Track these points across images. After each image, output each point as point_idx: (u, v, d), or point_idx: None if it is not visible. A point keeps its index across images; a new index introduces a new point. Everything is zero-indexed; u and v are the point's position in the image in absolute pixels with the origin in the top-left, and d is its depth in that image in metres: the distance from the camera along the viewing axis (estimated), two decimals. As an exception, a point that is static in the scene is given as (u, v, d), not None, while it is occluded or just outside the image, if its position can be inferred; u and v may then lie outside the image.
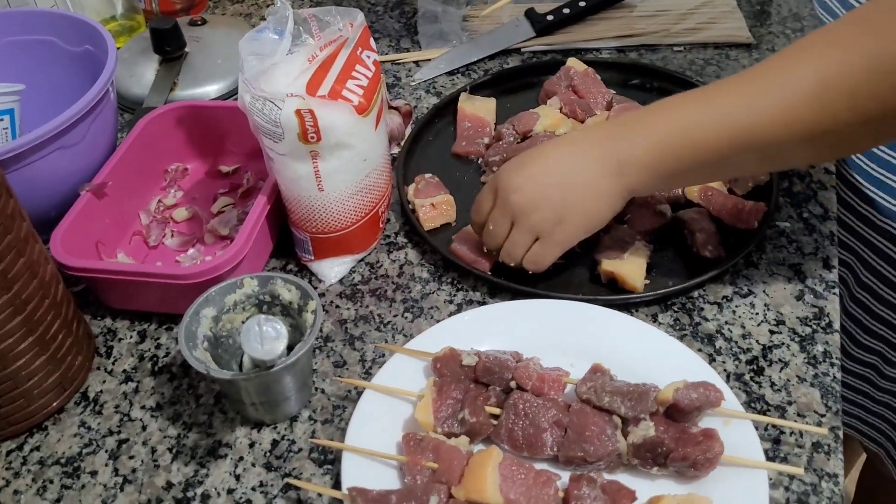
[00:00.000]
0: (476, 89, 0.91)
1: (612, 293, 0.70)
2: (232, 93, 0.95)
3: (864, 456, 1.10)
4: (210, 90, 0.94)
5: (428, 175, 0.81)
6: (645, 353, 0.63)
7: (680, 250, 0.73)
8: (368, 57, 0.68)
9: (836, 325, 0.67)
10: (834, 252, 0.73)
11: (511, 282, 0.70)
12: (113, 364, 0.68)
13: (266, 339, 0.53)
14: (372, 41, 0.70)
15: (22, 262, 0.57)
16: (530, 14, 1.02)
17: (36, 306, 0.59)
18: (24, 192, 0.65)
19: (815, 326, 0.67)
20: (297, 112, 0.62)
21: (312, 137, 0.64)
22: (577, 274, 0.72)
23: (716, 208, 0.73)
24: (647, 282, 0.70)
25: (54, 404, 0.64)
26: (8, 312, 0.56)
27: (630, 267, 0.69)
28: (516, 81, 0.94)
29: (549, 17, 1.01)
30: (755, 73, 0.58)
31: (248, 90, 0.64)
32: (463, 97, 0.89)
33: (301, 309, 0.61)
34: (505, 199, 0.66)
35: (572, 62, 0.90)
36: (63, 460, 0.62)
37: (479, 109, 0.88)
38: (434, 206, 0.77)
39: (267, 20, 0.65)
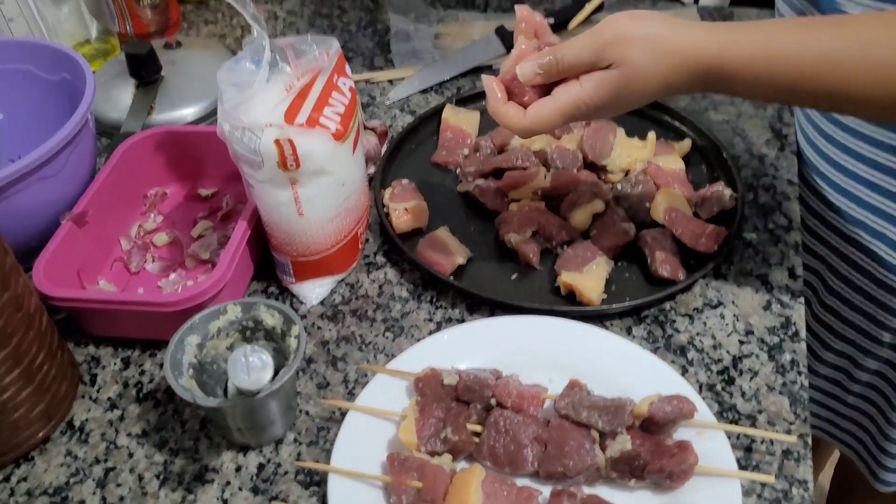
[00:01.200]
0: (462, 102, 0.94)
1: (569, 304, 0.72)
2: (209, 115, 0.96)
3: (837, 453, 1.13)
4: (187, 113, 0.95)
5: (405, 181, 0.83)
6: (620, 367, 0.65)
7: (643, 268, 0.75)
8: (344, 84, 0.70)
9: (803, 334, 0.69)
10: (799, 262, 0.75)
11: (471, 289, 0.72)
12: (97, 392, 0.69)
13: (252, 369, 0.54)
14: (348, 68, 0.71)
15: (7, 295, 0.57)
16: (500, 31, 1.04)
17: (21, 339, 0.59)
18: (5, 223, 0.66)
19: (782, 335, 0.69)
20: (276, 141, 0.63)
21: (291, 165, 0.65)
22: (537, 284, 0.75)
23: (678, 230, 0.75)
24: (605, 296, 0.72)
25: (40, 434, 0.64)
26: (-7, 346, 0.57)
27: (588, 281, 0.71)
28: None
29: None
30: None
31: (227, 120, 0.65)
32: (448, 109, 0.92)
33: (284, 334, 0.63)
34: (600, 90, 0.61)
35: None
36: (51, 490, 0.62)
37: (462, 121, 0.90)
38: (407, 210, 0.79)
39: (244, 50, 0.67)
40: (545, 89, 0.64)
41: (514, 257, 0.77)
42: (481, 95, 0.95)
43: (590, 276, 0.71)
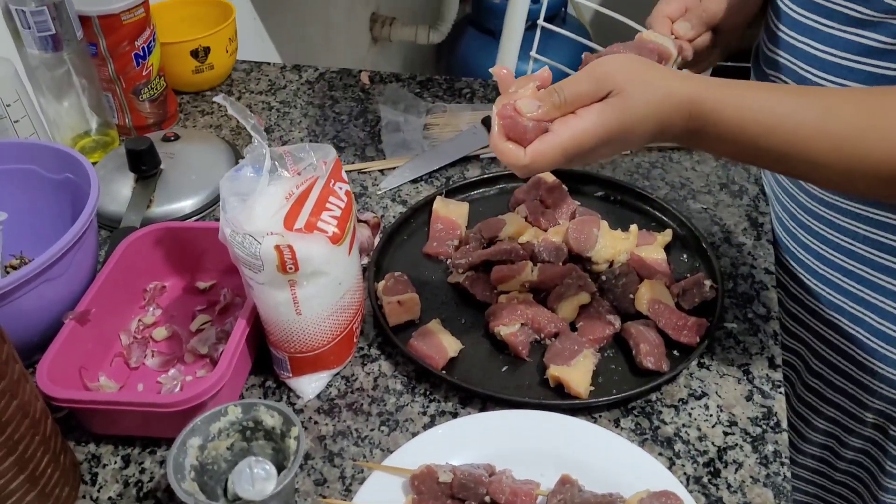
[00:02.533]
0: (452, 193, 0.97)
1: (559, 397, 0.74)
2: (207, 206, 0.99)
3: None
4: (185, 205, 0.98)
5: (397, 273, 0.86)
6: (610, 461, 0.67)
7: (628, 359, 0.78)
8: (341, 188, 0.73)
9: (784, 424, 0.72)
10: (778, 351, 0.78)
11: (463, 382, 0.75)
12: (98, 491, 0.70)
13: (257, 480, 0.56)
14: (343, 173, 0.75)
15: (15, 404, 0.59)
16: (487, 122, 1.08)
17: (27, 444, 0.61)
18: (9, 323, 0.67)
19: (764, 426, 0.72)
20: (277, 247, 0.66)
21: (291, 268, 0.68)
22: (527, 376, 0.77)
23: (662, 321, 0.78)
24: (593, 388, 0.74)
25: (42, 537, 0.65)
26: (1, 455, 0.58)
27: (576, 374, 0.74)
28: (490, 187, 1.00)
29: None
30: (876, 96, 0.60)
31: (228, 225, 0.68)
32: (438, 200, 0.95)
33: (284, 434, 0.65)
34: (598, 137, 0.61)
35: (544, 174, 0.96)
36: None
37: (451, 212, 0.94)
38: (400, 303, 0.82)
39: (245, 158, 0.70)
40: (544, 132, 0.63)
41: (504, 349, 0.79)
42: (470, 186, 0.99)
43: (577, 370, 0.74)
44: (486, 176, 1.00)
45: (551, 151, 0.61)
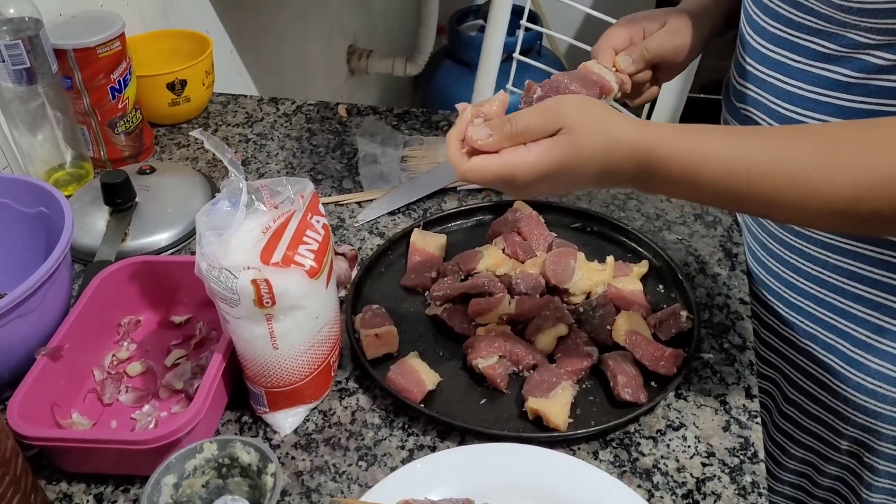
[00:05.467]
0: (429, 225, 0.98)
1: (537, 430, 0.74)
2: (183, 239, 0.98)
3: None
4: (161, 238, 0.97)
5: (375, 306, 0.86)
6: (589, 495, 0.67)
7: (606, 390, 0.78)
8: (318, 221, 0.73)
9: (761, 455, 0.72)
10: (754, 381, 0.79)
11: (441, 416, 0.75)
12: (70, 531, 0.68)
13: (233, 519, 0.55)
14: (321, 206, 0.75)
15: (-16, 443, 0.58)
16: (464, 154, 1.09)
17: (-4, 485, 0.60)
18: (-20, 361, 0.67)
19: (742, 457, 0.72)
20: (253, 281, 0.66)
21: (267, 302, 0.67)
22: (506, 409, 0.77)
23: (639, 353, 0.78)
24: (571, 420, 0.74)
25: (11, 580, 0.64)
26: (-30, 495, 0.57)
27: (554, 406, 0.74)
28: (468, 219, 1.00)
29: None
30: (829, 134, 0.61)
31: (204, 260, 0.68)
32: (416, 233, 0.95)
33: (260, 471, 0.64)
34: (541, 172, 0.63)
35: (519, 205, 0.97)
36: None
37: (429, 245, 0.94)
38: (378, 336, 0.82)
39: (221, 192, 0.70)
40: None
41: (482, 381, 0.79)
42: (448, 217, 1.00)
43: (555, 402, 0.74)
44: (463, 208, 1.01)
45: (488, 170, 0.63)
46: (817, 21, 0.69)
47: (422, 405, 0.76)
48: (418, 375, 0.78)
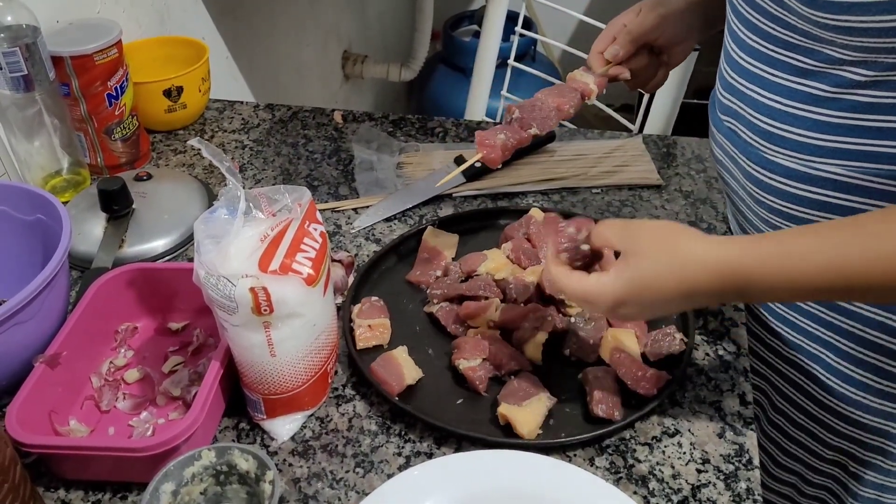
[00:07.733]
0: (444, 225, 0.99)
1: (505, 435, 0.74)
2: (180, 245, 0.98)
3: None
4: (158, 245, 0.97)
5: (374, 298, 0.87)
6: (585, 501, 0.68)
7: (584, 405, 0.77)
8: (315, 229, 0.73)
9: (756, 461, 0.73)
10: (748, 388, 0.80)
11: (414, 411, 0.75)
12: (68, 539, 0.69)
13: (232, 527, 0.55)
14: (318, 214, 0.75)
15: (-17, 452, 0.58)
16: (459, 160, 1.10)
17: (-5, 493, 0.60)
18: (-22, 369, 0.67)
19: (736, 464, 0.73)
20: (252, 289, 0.66)
21: (265, 310, 0.68)
22: (480, 412, 0.78)
23: (621, 370, 0.77)
24: (542, 431, 0.74)
25: (9, 587, 0.64)
26: (-32, 504, 0.57)
27: (524, 414, 0.74)
28: (484, 222, 1.01)
29: (477, 164, 1.09)
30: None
31: (202, 267, 0.68)
32: (429, 230, 0.96)
33: (258, 478, 0.64)
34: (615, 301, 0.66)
35: (534, 212, 0.97)
36: None
37: (440, 243, 0.95)
38: (371, 327, 0.83)
39: (219, 200, 0.70)
40: None
41: (463, 382, 0.80)
42: (464, 218, 1.01)
43: (526, 411, 0.74)
44: (481, 208, 1.03)
45: (570, 285, 0.68)
46: (795, 36, 0.70)
47: (396, 398, 0.77)
48: (400, 369, 0.79)
